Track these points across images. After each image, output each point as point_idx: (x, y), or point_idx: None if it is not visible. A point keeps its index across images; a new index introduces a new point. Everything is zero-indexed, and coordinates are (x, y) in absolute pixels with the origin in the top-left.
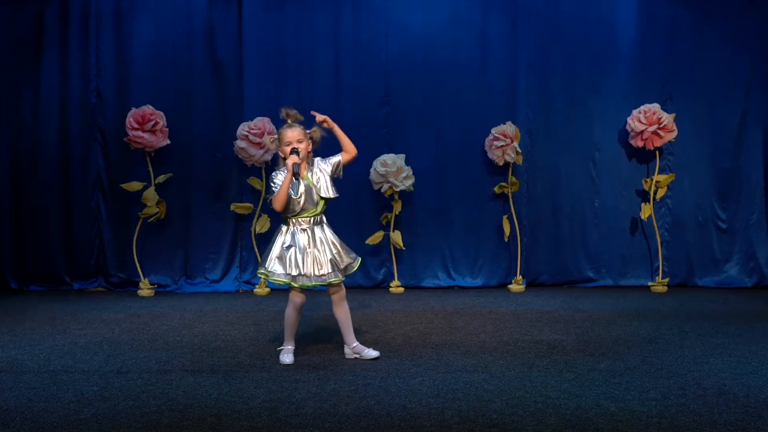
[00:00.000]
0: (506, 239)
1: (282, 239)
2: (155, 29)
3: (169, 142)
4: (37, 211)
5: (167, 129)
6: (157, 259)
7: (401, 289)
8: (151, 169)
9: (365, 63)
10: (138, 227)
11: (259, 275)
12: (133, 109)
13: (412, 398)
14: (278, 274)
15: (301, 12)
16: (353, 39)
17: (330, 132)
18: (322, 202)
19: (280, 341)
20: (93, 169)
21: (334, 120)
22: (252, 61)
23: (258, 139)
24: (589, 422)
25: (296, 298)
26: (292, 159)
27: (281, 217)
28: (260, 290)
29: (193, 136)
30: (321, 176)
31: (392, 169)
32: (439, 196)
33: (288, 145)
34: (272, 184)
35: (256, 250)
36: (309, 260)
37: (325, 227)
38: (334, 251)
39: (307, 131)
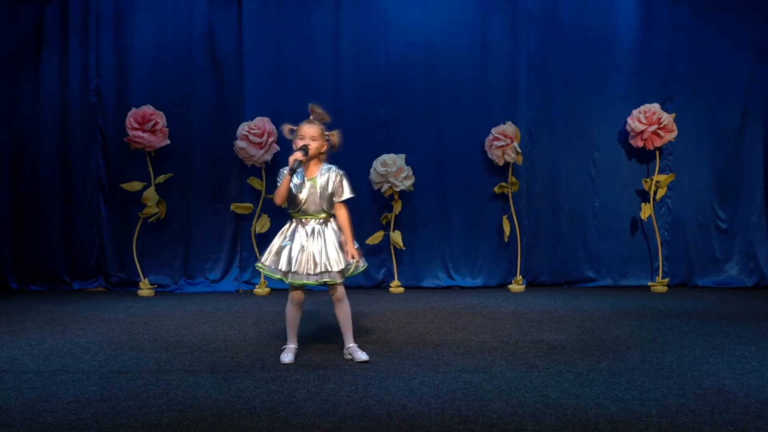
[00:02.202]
0: (506, 239)
1: (284, 234)
2: (155, 29)
3: (169, 142)
4: (37, 211)
5: (167, 129)
6: (157, 259)
7: (401, 289)
8: (151, 169)
9: (365, 63)
10: (138, 227)
11: (256, 267)
12: (133, 109)
13: (412, 398)
14: (272, 269)
15: (301, 12)
16: (353, 39)
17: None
18: (326, 213)
19: (281, 341)
20: (93, 169)
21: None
22: (252, 61)
23: (258, 139)
24: (589, 422)
25: (293, 295)
26: (295, 155)
27: (287, 213)
28: (260, 290)
29: (193, 136)
30: (328, 186)
31: (392, 169)
32: (439, 196)
33: (301, 139)
34: (278, 178)
35: (256, 250)
36: (304, 257)
37: (331, 228)
38: (332, 251)
39: (327, 133)
